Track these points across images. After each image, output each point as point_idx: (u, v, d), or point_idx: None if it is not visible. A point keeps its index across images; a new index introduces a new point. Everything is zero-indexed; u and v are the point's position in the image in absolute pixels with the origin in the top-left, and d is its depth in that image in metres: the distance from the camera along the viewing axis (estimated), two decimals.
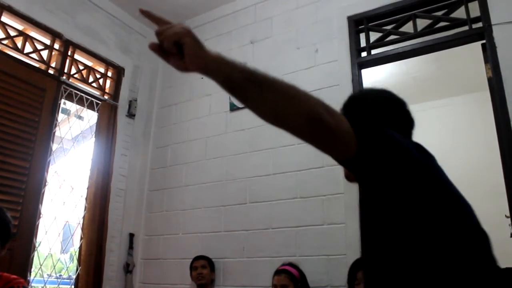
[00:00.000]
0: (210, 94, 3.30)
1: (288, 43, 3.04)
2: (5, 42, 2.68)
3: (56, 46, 2.96)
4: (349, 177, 1.08)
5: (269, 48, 3.13)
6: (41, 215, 2.64)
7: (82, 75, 3.15)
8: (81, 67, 3.15)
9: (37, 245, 2.61)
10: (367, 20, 2.80)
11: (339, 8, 2.88)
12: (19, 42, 2.76)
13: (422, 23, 2.65)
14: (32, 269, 2.58)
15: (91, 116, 3.19)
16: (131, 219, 3.22)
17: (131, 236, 3.18)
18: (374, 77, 4.02)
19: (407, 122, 1.07)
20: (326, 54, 2.84)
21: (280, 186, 2.71)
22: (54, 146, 2.83)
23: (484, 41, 2.39)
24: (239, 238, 2.77)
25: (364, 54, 2.77)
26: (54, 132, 2.82)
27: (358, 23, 2.83)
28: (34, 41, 2.85)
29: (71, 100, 3.01)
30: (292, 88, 0.76)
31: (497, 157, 2.24)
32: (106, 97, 3.27)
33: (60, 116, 2.96)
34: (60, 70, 2.93)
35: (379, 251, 0.89)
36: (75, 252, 2.94)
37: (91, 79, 3.22)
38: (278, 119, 0.77)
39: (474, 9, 2.47)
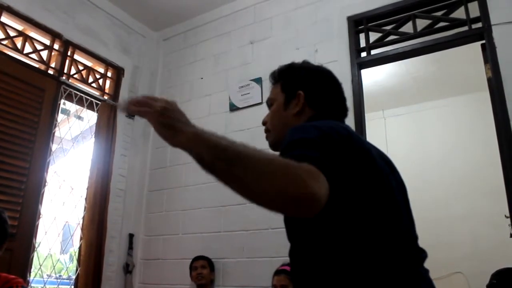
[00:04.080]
0: (210, 94, 3.30)
1: (287, 43, 3.04)
2: (4, 42, 2.68)
3: (56, 46, 2.96)
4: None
5: (268, 48, 3.13)
6: (40, 216, 2.64)
7: (82, 76, 3.15)
8: (80, 68, 3.15)
9: (36, 245, 2.61)
10: (367, 20, 2.80)
11: (339, 8, 2.88)
12: (18, 42, 2.76)
13: (421, 23, 2.65)
14: (32, 270, 2.58)
15: (90, 117, 3.19)
16: (131, 219, 3.22)
17: (131, 236, 3.18)
18: (374, 77, 4.02)
19: (343, 103, 1.13)
20: (325, 54, 2.83)
21: None
22: (54, 147, 2.82)
23: (483, 41, 2.40)
24: (238, 238, 2.77)
25: (363, 54, 2.77)
26: (54, 133, 2.82)
27: (358, 23, 2.83)
28: (34, 42, 2.85)
29: (71, 101, 3.00)
30: (269, 162, 0.68)
31: (497, 157, 2.24)
32: (105, 97, 3.27)
33: (60, 117, 2.96)
34: (59, 71, 2.93)
35: (305, 255, 0.90)
36: (75, 252, 2.94)
37: (90, 79, 3.22)
38: (252, 196, 0.69)
39: (474, 10, 2.48)
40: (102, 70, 3.35)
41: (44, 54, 2.89)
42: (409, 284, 0.83)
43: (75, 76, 3.10)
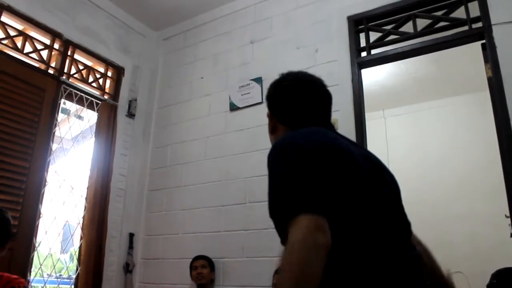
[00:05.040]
0: (210, 94, 3.30)
1: (287, 43, 3.04)
2: (5, 42, 2.68)
3: (56, 46, 2.96)
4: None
5: (268, 48, 3.13)
6: (41, 215, 2.64)
7: (82, 75, 3.15)
8: (81, 67, 3.15)
9: (37, 245, 2.61)
10: (367, 20, 2.80)
11: (339, 8, 2.88)
12: (19, 42, 2.76)
13: (422, 23, 2.65)
14: (32, 269, 2.58)
15: (91, 116, 3.19)
16: (131, 219, 3.22)
17: (131, 236, 3.18)
18: (374, 77, 4.02)
19: (325, 100, 1.15)
20: (325, 54, 2.84)
21: None
22: (54, 146, 2.83)
23: (484, 41, 2.39)
24: (238, 238, 2.77)
25: (364, 54, 2.77)
26: (54, 132, 2.82)
27: (358, 23, 2.82)
28: (34, 41, 2.85)
29: (71, 100, 3.01)
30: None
31: (497, 157, 2.24)
32: (106, 97, 3.27)
33: (60, 116, 2.96)
34: (60, 70, 2.94)
35: None
36: (75, 252, 2.94)
37: (91, 79, 3.22)
38: None
39: (474, 9, 2.48)
40: (102, 70, 3.35)
41: (44, 53, 2.90)
42: (396, 284, 0.84)
43: (75, 75, 3.10)
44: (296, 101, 1.12)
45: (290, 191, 0.85)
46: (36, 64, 2.83)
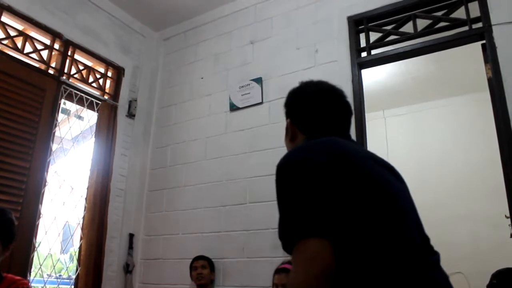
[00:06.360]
0: (210, 94, 3.30)
1: (288, 43, 3.04)
2: (5, 42, 2.68)
3: (56, 46, 2.96)
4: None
5: (269, 48, 3.13)
6: (41, 215, 2.64)
7: (82, 75, 3.15)
8: (81, 67, 3.15)
9: (37, 245, 2.61)
10: (367, 20, 2.80)
11: (339, 8, 2.88)
12: (19, 42, 2.76)
13: (422, 23, 2.65)
14: (32, 269, 2.58)
15: (91, 116, 3.19)
16: (131, 219, 3.22)
17: (131, 236, 3.18)
18: (374, 77, 4.02)
19: (345, 110, 1.15)
20: (326, 54, 2.84)
21: None
22: (54, 146, 2.83)
23: (484, 41, 2.39)
24: (239, 238, 2.77)
25: (364, 54, 2.77)
26: (54, 132, 2.82)
27: (358, 23, 2.83)
28: (34, 41, 2.85)
29: (71, 100, 3.01)
30: None
31: (497, 157, 2.24)
32: (106, 97, 3.27)
33: (60, 116, 2.96)
34: (60, 70, 2.93)
35: None
36: (75, 252, 2.94)
37: (91, 79, 3.22)
38: None
39: (474, 10, 2.48)
40: (102, 70, 3.35)
41: (45, 53, 2.89)
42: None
43: (76, 76, 3.10)
44: (318, 110, 1.11)
45: (288, 217, 0.86)
46: (36, 64, 2.83)
